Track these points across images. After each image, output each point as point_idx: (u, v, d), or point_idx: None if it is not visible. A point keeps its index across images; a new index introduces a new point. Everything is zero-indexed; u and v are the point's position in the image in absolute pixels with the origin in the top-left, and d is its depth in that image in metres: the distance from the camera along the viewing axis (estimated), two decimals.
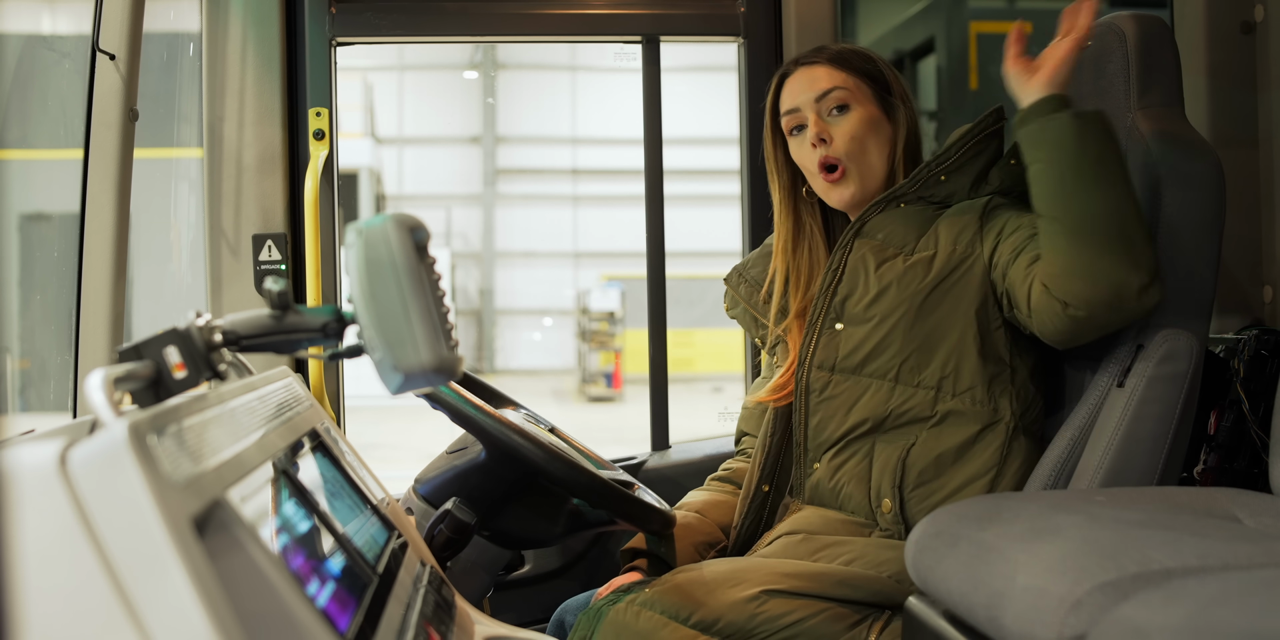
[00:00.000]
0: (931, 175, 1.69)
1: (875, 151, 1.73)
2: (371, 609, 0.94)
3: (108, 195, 1.83)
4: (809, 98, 1.74)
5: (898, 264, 1.67)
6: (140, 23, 1.86)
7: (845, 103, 1.73)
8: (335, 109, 2.31)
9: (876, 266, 1.68)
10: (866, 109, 1.74)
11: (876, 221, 1.72)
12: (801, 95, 1.75)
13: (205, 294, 2.28)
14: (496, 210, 18.59)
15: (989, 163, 1.70)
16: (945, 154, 1.69)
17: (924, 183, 1.70)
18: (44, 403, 2.60)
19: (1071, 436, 1.60)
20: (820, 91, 1.73)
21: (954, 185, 1.69)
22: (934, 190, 1.70)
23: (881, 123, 1.74)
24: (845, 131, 1.72)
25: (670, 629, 1.48)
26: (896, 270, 1.67)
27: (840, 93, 1.73)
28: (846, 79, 1.74)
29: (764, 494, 1.75)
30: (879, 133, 1.74)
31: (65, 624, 0.65)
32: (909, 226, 1.70)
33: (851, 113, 1.73)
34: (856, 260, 1.71)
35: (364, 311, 0.99)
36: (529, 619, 2.21)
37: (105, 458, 0.69)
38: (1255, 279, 2.24)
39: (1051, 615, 1.08)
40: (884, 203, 1.72)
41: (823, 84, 1.74)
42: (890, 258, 1.68)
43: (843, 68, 1.75)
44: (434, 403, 1.51)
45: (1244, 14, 2.25)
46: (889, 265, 1.68)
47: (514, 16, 2.37)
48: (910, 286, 1.65)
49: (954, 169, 1.69)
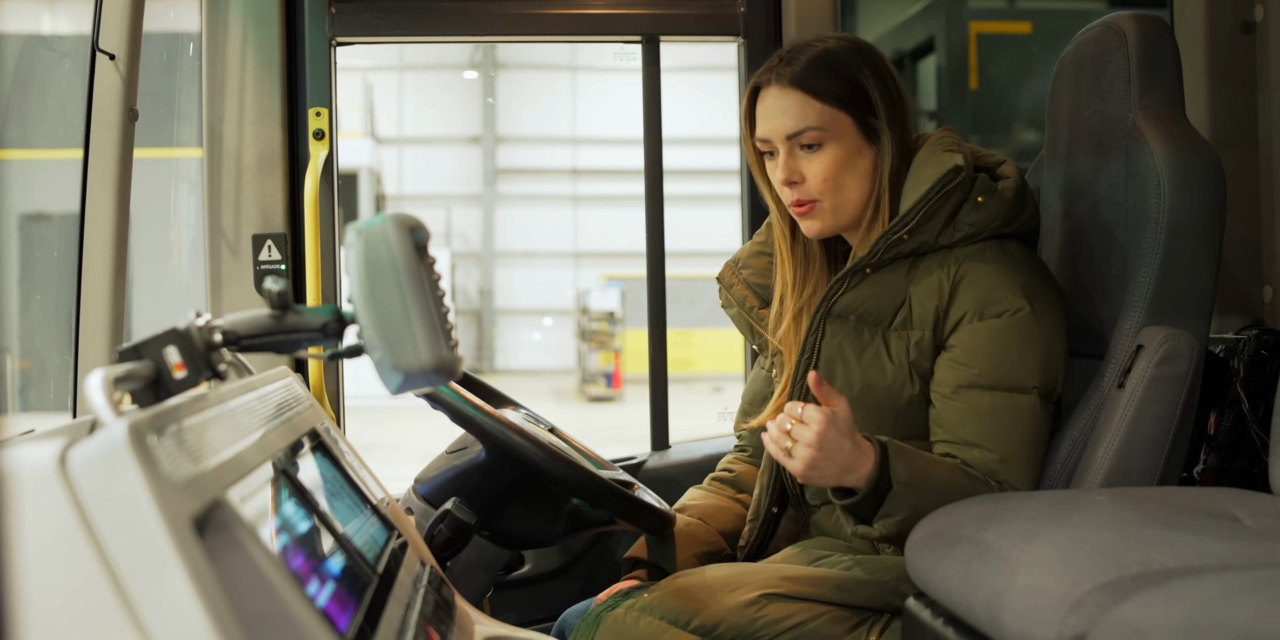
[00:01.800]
0: (894, 239, 1.58)
1: (853, 186, 1.61)
2: (371, 609, 0.94)
3: (108, 195, 1.83)
4: (780, 133, 1.60)
5: (880, 353, 1.60)
6: (140, 23, 1.85)
7: (819, 142, 1.59)
8: (335, 109, 2.31)
9: (858, 356, 1.61)
10: (844, 144, 1.59)
11: (847, 300, 1.61)
12: (772, 127, 1.61)
13: (205, 294, 2.28)
14: (496, 210, 18.59)
15: (954, 209, 1.58)
16: (904, 218, 1.57)
17: (887, 248, 1.58)
18: (44, 403, 2.60)
19: (1073, 437, 1.60)
20: (792, 130, 1.59)
21: (920, 239, 1.58)
22: (899, 249, 1.58)
23: (861, 152, 1.60)
24: (818, 172, 1.59)
25: (670, 634, 1.48)
26: (881, 364, 1.59)
27: (813, 133, 1.58)
28: (822, 113, 1.58)
29: (773, 515, 1.75)
30: (857, 166, 1.60)
31: (65, 624, 0.65)
32: (881, 298, 1.60)
33: (825, 151, 1.59)
34: (832, 348, 1.62)
35: (364, 311, 0.99)
36: (529, 619, 2.21)
37: (105, 458, 0.69)
38: (1255, 279, 2.24)
39: (1051, 615, 1.08)
40: (849, 275, 1.61)
41: (793, 122, 1.59)
42: (869, 342, 1.61)
43: (818, 96, 1.58)
44: (434, 403, 1.51)
45: (1244, 14, 2.25)
46: (870, 354, 1.60)
47: (514, 16, 2.37)
48: (894, 383, 1.59)
49: (916, 229, 1.57)
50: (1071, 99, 1.79)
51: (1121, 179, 1.65)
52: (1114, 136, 1.67)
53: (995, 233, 1.60)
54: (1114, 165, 1.67)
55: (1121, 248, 1.65)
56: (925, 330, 1.58)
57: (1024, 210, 1.62)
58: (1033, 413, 1.55)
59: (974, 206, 1.58)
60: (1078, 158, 1.77)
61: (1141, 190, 1.60)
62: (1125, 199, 1.65)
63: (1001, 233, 1.60)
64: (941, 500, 1.46)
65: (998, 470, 1.54)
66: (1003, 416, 1.54)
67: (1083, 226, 1.76)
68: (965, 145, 1.62)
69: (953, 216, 1.58)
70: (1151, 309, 1.59)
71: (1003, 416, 1.54)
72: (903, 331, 1.60)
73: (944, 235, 1.58)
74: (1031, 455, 1.56)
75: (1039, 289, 1.57)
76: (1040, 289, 1.58)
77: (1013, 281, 1.56)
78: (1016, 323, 1.54)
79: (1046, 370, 1.56)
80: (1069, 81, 1.81)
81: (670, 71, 2.46)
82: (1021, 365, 1.54)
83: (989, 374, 1.54)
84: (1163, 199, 1.57)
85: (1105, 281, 1.69)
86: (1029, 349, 1.55)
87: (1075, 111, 1.78)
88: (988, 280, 1.56)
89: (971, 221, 1.58)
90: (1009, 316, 1.55)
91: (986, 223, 1.58)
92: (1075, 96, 1.78)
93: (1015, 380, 1.54)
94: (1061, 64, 1.84)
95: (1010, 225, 1.61)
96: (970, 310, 1.56)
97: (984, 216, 1.58)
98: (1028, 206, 1.63)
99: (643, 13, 2.39)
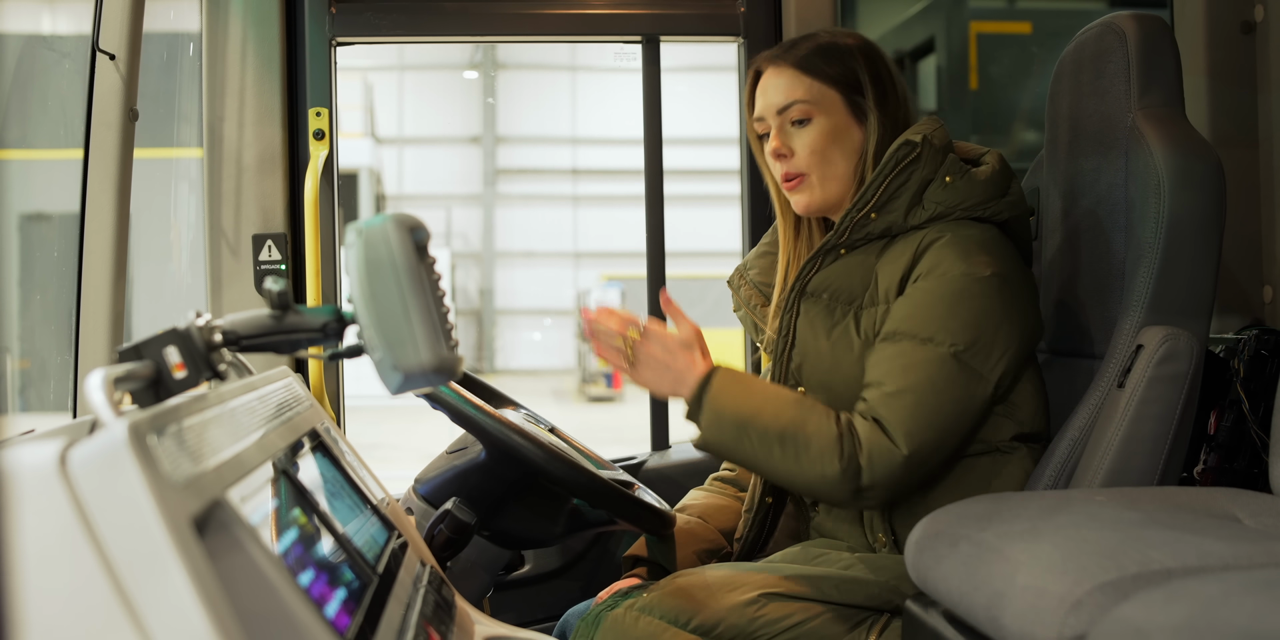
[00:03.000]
0: (859, 218, 1.61)
1: (840, 161, 1.65)
2: (371, 609, 0.94)
3: (108, 195, 1.83)
4: (771, 109, 1.67)
5: (849, 330, 1.61)
6: (140, 23, 1.86)
7: (807, 116, 1.64)
8: (335, 109, 2.31)
9: (828, 333, 1.62)
10: (831, 119, 1.64)
11: (819, 279, 1.64)
12: (765, 105, 1.68)
13: (205, 294, 2.28)
14: (496, 210, 18.59)
15: (920, 188, 1.60)
16: (864, 195, 1.60)
17: (854, 226, 1.61)
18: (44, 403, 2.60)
19: (1072, 437, 1.60)
20: (781, 103, 1.65)
21: (888, 218, 1.60)
22: (869, 228, 1.61)
23: (849, 130, 1.65)
24: (805, 145, 1.64)
25: (670, 634, 1.48)
26: (849, 339, 1.60)
27: (801, 107, 1.64)
28: (810, 88, 1.64)
29: (767, 506, 1.75)
30: (844, 142, 1.65)
31: (65, 624, 0.65)
32: (852, 277, 1.63)
33: (813, 125, 1.64)
34: (805, 326, 1.64)
35: (364, 311, 0.99)
36: (529, 619, 2.21)
37: (105, 458, 0.69)
38: (1255, 279, 2.24)
39: (1051, 615, 1.08)
40: (821, 255, 1.64)
41: (783, 95, 1.65)
42: (840, 320, 1.62)
43: (809, 73, 1.65)
44: (434, 403, 1.51)
45: (1244, 14, 2.25)
46: (840, 330, 1.61)
47: (514, 16, 2.37)
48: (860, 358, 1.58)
49: (880, 206, 1.60)
50: (1071, 99, 1.80)
51: (1121, 179, 1.65)
52: (1114, 136, 1.67)
53: (967, 214, 1.60)
54: (1114, 165, 1.67)
55: (1121, 248, 1.65)
56: (890, 303, 1.59)
57: (1000, 198, 1.61)
58: (939, 363, 1.51)
59: (940, 185, 1.59)
60: (1078, 158, 1.77)
61: (1141, 190, 1.60)
62: (1125, 199, 1.65)
63: (975, 216, 1.60)
64: (757, 420, 1.50)
65: (879, 404, 1.50)
66: (908, 359, 1.52)
67: (1083, 226, 1.76)
68: (941, 132, 1.62)
69: (919, 195, 1.60)
70: (1151, 309, 1.59)
71: (908, 359, 1.52)
72: (871, 308, 1.61)
73: (912, 215, 1.60)
74: (923, 400, 1.50)
75: (1001, 266, 1.56)
76: (1002, 267, 1.56)
77: (972, 251, 1.55)
78: (959, 281, 1.53)
79: (974, 333, 1.52)
80: (1069, 81, 1.81)
81: (670, 71, 2.46)
82: (946, 320, 1.52)
83: (910, 322, 1.53)
84: (1163, 199, 1.57)
85: (1105, 281, 1.69)
86: (959, 308, 1.52)
87: (1075, 111, 1.78)
88: (950, 247, 1.56)
89: (938, 200, 1.59)
90: (956, 276, 1.54)
91: (954, 203, 1.59)
92: (1075, 96, 1.78)
93: (932, 333, 1.52)
94: (1061, 64, 1.84)
95: (984, 209, 1.60)
96: (924, 271, 1.56)
97: (950, 196, 1.59)
98: (1006, 195, 1.62)
99: (643, 13, 2.39)
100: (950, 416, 1.51)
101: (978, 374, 1.52)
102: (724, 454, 1.57)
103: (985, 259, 1.54)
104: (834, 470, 1.47)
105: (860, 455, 1.47)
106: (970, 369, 1.52)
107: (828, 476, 1.48)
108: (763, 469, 1.54)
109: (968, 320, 1.52)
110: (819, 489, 1.50)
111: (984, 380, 1.53)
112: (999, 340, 1.53)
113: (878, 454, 1.47)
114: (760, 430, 1.50)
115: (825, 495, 1.52)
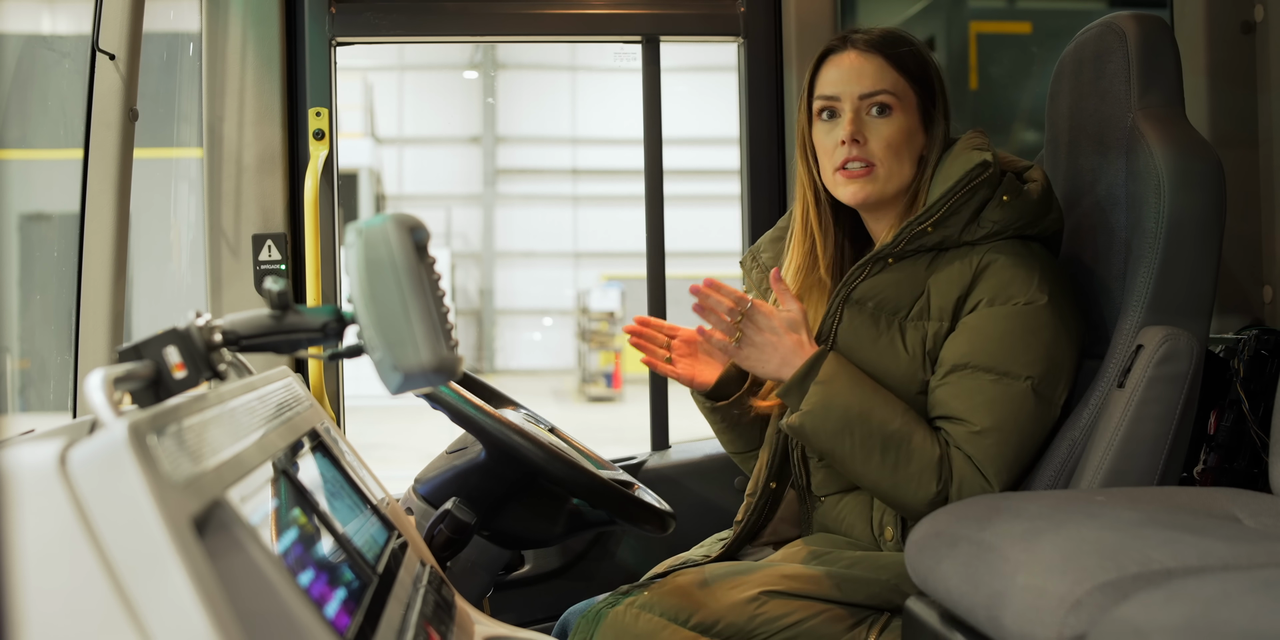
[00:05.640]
0: (918, 230, 1.59)
1: (907, 162, 1.64)
2: (371, 609, 0.94)
3: (108, 195, 1.83)
4: (853, 91, 1.63)
5: (895, 342, 1.60)
6: (140, 23, 1.85)
7: (890, 107, 1.63)
8: (335, 109, 2.31)
9: (873, 342, 1.61)
10: (908, 118, 1.64)
11: (865, 287, 1.63)
12: (846, 85, 1.64)
13: (205, 294, 2.28)
14: (496, 210, 18.59)
15: (979, 206, 1.59)
16: (929, 209, 1.59)
17: (911, 238, 1.60)
18: (44, 403, 2.60)
19: (1072, 437, 1.60)
20: (868, 89, 1.63)
21: (944, 233, 1.60)
22: (922, 241, 1.60)
23: (917, 135, 1.65)
24: (883, 136, 1.63)
25: (670, 631, 1.48)
26: (895, 351, 1.60)
27: (887, 97, 1.63)
28: (898, 81, 1.64)
29: (771, 490, 1.76)
30: (913, 143, 1.64)
31: (65, 624, 0.65)
32: (900, 288, 1.62)
33: (893, 119, 1.63)
34: (847, 333, 1.62)
35: (364, 311, 0.99)
36: (529, 619, 2.21)
37: (105, 458, 0.69)
38: (1255, 279, 2.24)
39: (1051, 615, 1.08)
40: (870, 263, 1.63)
41: (873, 82, 1.63)
42: (885, 331, 1.61)
43: (898, 68, 1.64)
44: (434, 403, 1.52)
45: (1244, 14, 2.25)
46: (885, 341, 1.60)
47: (514, 16, 2.37)
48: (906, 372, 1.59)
49: (940, 222, 1.59)
50: (1071, 99, 1.80)
51: (1121, 179, 1.65)
52: (1114, 136, 1.67)
53: (1019, 233, 1.61)
54: (1114, 165, 1.67)
55: (1121, 248, 1.65)
56: (944, 321, 1.60)
57: (1048, 214, 1.63)
58: (1022, 398, 1.54)
59: (998, 204, 1.59)
60: (1078, 158, 1.78)
61: (1141, 190, 1.60)
62: (1125, 199, 1.65)
63: (1025, 234, 1.62)
64: (865, 420, 1.52)
65: (967, 442, 1.53)
66: (989, 395, 1.54)
67: (1083, 226, 1.76)
68: (995, 148, 1.64)
69: (977, 213, 1.60)
70: (1151, 309, 1.59)
71: (989, 395, 1.54)
72: (919, 322, 1.61)
73: (967, 231, 1.60)
74: (1010, 439, 1.53)
75: (1055, 289, 1.58)
76: (1056, 289, 1.58)
77: (1031, 275, 1.57)
78: (1026, 312, 1.56)
79: (1046, 365, 1.56)
80: (1069, 81, 1.81)
81: (670, 71, 2.46)
82: (1021, 354, 1.55)
83: (984, 356, 1.55)
84: (1163, 199, 1.57)
85: (1105, 281, 1.69)
86: (1032, 340, 1.55)
87: (1075, 111, 1.78)
88: (1009, 271, 1.58)
89: (995, 219, 1.60)
90: (1020, 306, 1.56)
91: (1010, 222, 1.60)
92: (1075, 96, 1.78)
93: (1010, 367, 1.55)
94: (1061, 64, 1.84)
95: (1034, 227, 1.62)
96: (986, 297, 1.58)
97: (1007, 215, 1.59)
98: (1052, 211, 1.64)
99: (643, 13, 2.39)
100: (1031, 450, 1.58)
101: (1051, 402, 1.58)
102: (813, 441, 1.57)
103: (1044, 284, 1.57)
104: (927, 493, 1.52)
105: (952, 486, 1.52)
106: (1045, 399, 1.57)
107: (919, 497, 1.53)
108: (849, 466, 1.56)
109: (1040, 353, 1.55)
110: (903, 501, 1.55)
111: (1054, 406, 1.59)
112: (1065, 365, 1.58)
113: (968, 489, 1.52)
114: (866, 431, 1.52)
115: (904, 507, 1.56)
